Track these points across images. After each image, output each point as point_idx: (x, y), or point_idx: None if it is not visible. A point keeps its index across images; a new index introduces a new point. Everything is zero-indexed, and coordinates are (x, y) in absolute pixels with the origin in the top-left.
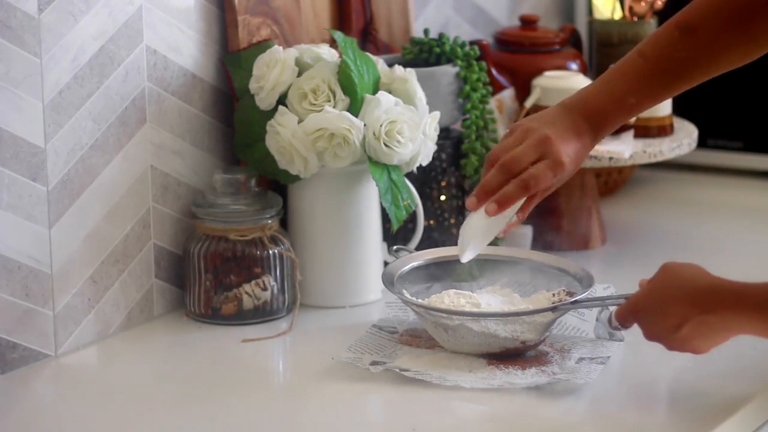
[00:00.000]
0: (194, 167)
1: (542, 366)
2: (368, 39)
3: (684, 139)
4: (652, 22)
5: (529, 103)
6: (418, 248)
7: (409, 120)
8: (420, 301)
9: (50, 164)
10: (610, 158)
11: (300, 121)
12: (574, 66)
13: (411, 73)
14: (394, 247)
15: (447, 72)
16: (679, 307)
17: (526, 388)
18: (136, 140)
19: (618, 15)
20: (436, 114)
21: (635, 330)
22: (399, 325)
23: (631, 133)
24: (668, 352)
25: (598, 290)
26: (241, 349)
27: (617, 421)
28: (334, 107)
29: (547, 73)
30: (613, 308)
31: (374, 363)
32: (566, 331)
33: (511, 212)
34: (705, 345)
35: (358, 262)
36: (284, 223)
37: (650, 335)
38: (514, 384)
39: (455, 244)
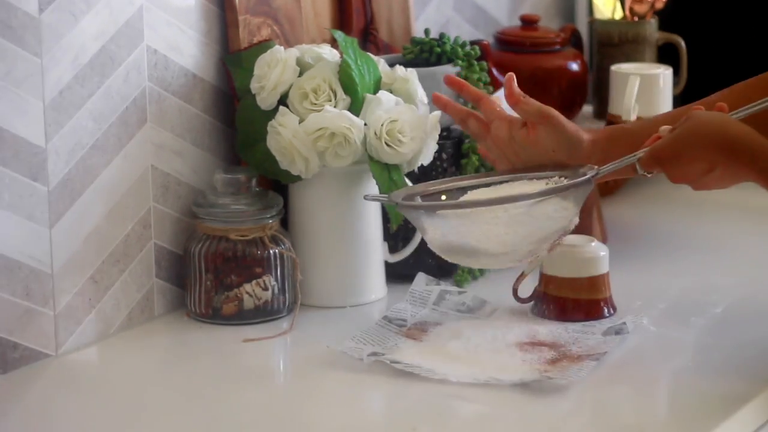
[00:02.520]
0: (195, 167)
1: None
2: (369, 39)
3: None
4: (652, 22)
5: None
6: (418, 249)
7: (410, 119)
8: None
9: (51, 164)
10: None
11: (301, 121)
12: (574, 66)
13: (412, 73)
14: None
15: (448, 72)
16: (709, 154)
17: (526, 388)
18: (137, 140)
19: (619, 15)
20: (437, 114)
21: (637, 329)
22: (410, 317)
23: None
24: (668, 351)
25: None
26: (241, 349)
27: (617, 421)
28: (334, 107)
29: None
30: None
31: (373, 354)
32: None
33: None
34: (729, 185)
35: (359, 261)
36: (285, 223)
37: (677, 178)
38: (500, 381)
39: None
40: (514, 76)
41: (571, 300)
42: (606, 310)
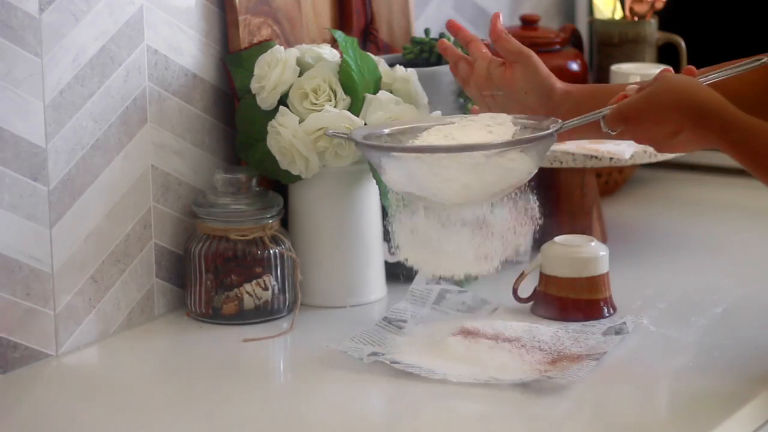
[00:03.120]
0: (195, 167)
1: (538, 364)
2: (369, 39)
3: None
4: (652, 22)
5: None
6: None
7: (410, 119)
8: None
9: (51, 164)
10: (611, 158)
11: (301, 121)
12: (574, 66)
13: (412, 73)
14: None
15: (448, 72)
16: (676, 116)
17: (526, 388)
18: (137, 140)
19: (619, 15)
20: (437, 113)
21: (637, 329)
22: (410, 318)
23: None
24: (668, 351)
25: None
26: (242, 348)
27: (617, 421)
28: (335, 107)
29: None
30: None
31: (373, 354)
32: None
33: None
34: (694, 149)
35: (359, 261)
36: (285, 223)
37: (641, 139)
38: (500, 381)
39: None
40: (500, 14)
41: (571, 300)
42: (606, 310)
